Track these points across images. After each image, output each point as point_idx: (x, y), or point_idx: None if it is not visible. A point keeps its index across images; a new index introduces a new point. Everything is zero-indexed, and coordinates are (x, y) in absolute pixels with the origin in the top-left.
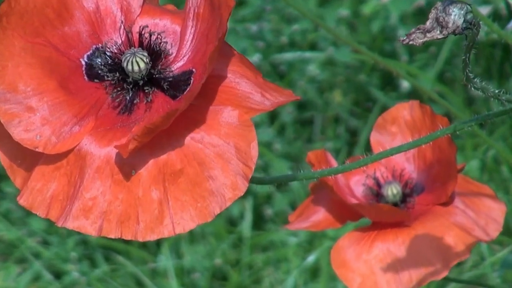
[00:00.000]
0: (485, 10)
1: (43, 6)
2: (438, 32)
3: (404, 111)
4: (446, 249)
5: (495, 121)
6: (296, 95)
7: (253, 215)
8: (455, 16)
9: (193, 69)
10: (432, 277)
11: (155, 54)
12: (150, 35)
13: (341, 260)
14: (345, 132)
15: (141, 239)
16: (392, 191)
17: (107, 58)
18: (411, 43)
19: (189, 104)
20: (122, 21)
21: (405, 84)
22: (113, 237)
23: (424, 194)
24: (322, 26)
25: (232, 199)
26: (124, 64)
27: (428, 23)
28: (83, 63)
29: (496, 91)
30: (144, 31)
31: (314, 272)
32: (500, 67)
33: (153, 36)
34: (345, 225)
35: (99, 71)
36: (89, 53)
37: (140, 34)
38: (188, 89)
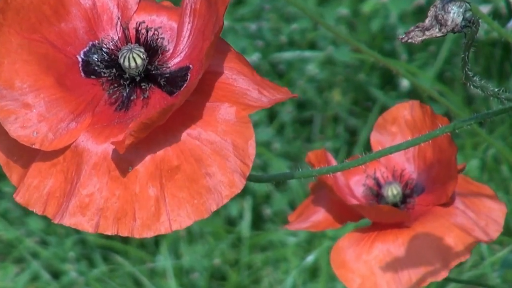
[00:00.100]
0: (485, 9)
1: (39, 2)
2: (437, 30)
3: (405, 111)
4: (446, 249)
5: (495, 120)
6: (295, 94)
7: (252, 215)
8: (454, 14)
9: (190, 65)
10: (432, 277)
11: (152, 50)
12: (147, 31)
13: (341, 260)
14: (345, 131)
15: (137, 235)
16: (392, 191)
17: (104, 54)
18: (410, 41)
19: (185, 101)
20: (118, 18)
21: (404, 84)
22: (109, 233)
23: (424, 195)
24: (322, 23)
25: (229, 196)
26: (121, 60)
27: (427, 21)
28: (79, 59)
29: (496, 89)
30: (140, 27)
31: (313, 272)
32: (500, 66)
33: (150, 32)
34: (345, 225)
35: (95, 68)
36: (85, 49)
37: (137, 30)
38: (185, 85)
